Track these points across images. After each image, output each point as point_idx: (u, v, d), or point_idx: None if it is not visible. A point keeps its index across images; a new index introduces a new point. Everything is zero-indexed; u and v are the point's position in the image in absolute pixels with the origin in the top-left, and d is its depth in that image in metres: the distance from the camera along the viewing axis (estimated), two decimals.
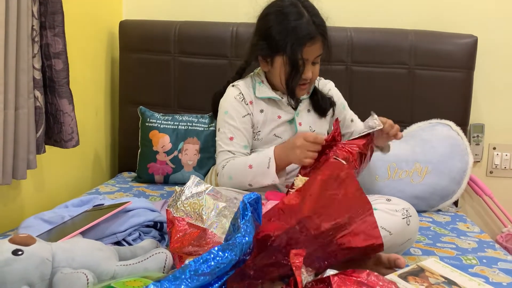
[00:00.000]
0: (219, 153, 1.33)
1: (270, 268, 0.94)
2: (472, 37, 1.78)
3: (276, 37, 1.26)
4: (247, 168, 1.25)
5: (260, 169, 1.23)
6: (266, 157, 1.23)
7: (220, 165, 1.31)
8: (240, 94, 1.34)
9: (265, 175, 1.23)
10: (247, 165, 1.25)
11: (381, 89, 1.79)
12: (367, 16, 1.90)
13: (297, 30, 1.24)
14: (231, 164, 1.28)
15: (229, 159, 1.30)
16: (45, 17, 1.33)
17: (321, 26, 1.27)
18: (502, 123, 1.92)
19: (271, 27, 1.27)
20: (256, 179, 1.25)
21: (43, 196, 1.53)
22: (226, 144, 1.31)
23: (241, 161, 1.28)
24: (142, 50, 1.88)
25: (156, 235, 1.18)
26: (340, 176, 0.93)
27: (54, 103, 1.37)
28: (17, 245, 0.86)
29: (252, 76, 1.39)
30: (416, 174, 1.62)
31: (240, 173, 1.26)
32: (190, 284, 0.67)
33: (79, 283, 0.84)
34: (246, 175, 1.25)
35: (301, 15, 1.25)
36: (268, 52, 1.29)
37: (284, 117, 1.35)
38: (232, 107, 1.33)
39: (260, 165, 1.23)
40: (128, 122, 1.91)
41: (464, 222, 1.55)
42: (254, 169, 1.24)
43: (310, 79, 1.31)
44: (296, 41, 1.23)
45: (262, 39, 1.30)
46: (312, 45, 1.26)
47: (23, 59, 1.23)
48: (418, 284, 0.93)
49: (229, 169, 1.28)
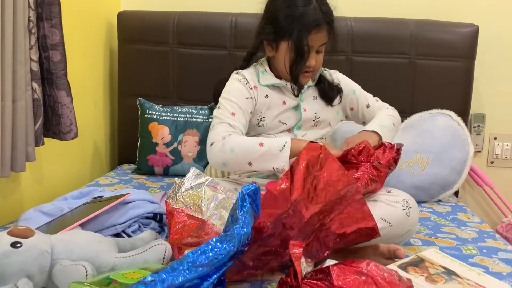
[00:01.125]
0: (217, 125, 1.25)
1: (267, 257, 0.94)
2: (473, 26, 1.77)
3: (282, 22, 1.25)
4: (256, 145, 1.18)
5: (272, 151, 1.17)
6: (282, 140, 1.19)
7: (218, 135, 1.22)
8: (244, 79, 1.33)
9: (275, 157, 1.17)
10: (258, 142, 1.19)
11: (382, 79, 1.78)
12: (368, 6, 1.89)
13: (304, 17, 1.22)
14: (235, 137, 1.21)
15: (232, 132, 1.22)
16: (42, 8, 1.31)
17: (328, 14, 1.26)
18: (503, 113, 1.91)
19: (278, 12, 1.26)
20: (262, 159, 1.18)
21: (42, 188, 1.53)
22: (226, 117, 1.25)
23: (249, 138, 1.23)
24: (141, 41, 1.87)
25: (156, 227, 1.18)
26: (320, 157, 0.94)
27: (52, 95, 1.36)
28: (16, 237, 0.86)
29: (255, 66, 1.39)
30: (417, 164, 1.62)
31: (246, 148, 1.18)
32: (188, 275, 0.67)
33: (78, 275, 0.84)
34: (253, 152, 1.18)
35: (309, 2, 1.24)
36: (274, 37, 1.28)
37: (289, 103, 1.34)
38: (235, 88, 1.31)
39: (272, 146, 1.18)
40: (127, 114, 1.90)
41: (465, 212, 1.55)
42: (265, 148, 1.18)
43: (313, 67, 1.29)
44: (303, 28, 1.22)
45: (268, 23, 1.29)
46: (318, 33, 1.24)
47: (20, 51, 1.22)
48: (418, 275, 0.93)
49: (233, 141, 1.19)
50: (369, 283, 0.77)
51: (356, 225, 0.98)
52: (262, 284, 0.97)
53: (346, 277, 0.78)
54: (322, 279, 0.79)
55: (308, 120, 1.35)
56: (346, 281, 0.77)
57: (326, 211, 0.95)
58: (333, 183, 0.94)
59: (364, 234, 1.00)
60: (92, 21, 1.82)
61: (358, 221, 0.98)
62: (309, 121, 1.35)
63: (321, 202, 0.93)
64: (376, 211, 1.08)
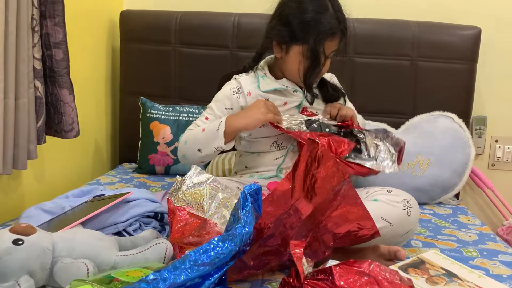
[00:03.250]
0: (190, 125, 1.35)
1: (268, 257, 0.94)
2: (475, 29, 1.77)
3: (297, 25, 1.23)
4: (200, 132, 1.26)
5: (210, 132, 1.24)
6: (218, 120, 1.25)
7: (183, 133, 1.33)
8: (235, 88, 1.32)
9: (213, 138, 1.23)
10: (201, 129, 1.27)
11: (384, 81, 1.78)
12: (370, 7, 1.89)
13: (321, 24, 1.21)
14: (189, 131, 1.31)
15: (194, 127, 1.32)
16: (45, 7, 1.32)
17: (344, 22, 1.25)
18: (505, 116, 1.91)
19: (293, 14, 1.24)
20: (205, 142, 1.25)
21: (44, 186, 1.53)
22: (198, 120, 1.33)
23: (197, 129, 1.30)
24: (143, 41, 1.87)
25: (157, 226, 1.18)
26: (317, 155, 0.95)
27: (55, 93, 1.37)
28: (18, 234, 0.86)
29: (255, 71, 1.38)
30: (418, 166, 1.62)
31: (194, 137, 1.27)
32: (190, 274, 0.67)
33: (79, 273, 0.84)
34: (199, 139, 1.26)
35: (326, 8, 1.23)
36: (286, 39, 1.26)
37: (290, 103, 1.34)
38: (222, 96, 1.34)
39: (210, 129, 1.24)
40: (128, 113, 1.91)
41: (465, 214, 1.55)
42: (205, 132, 1.25)
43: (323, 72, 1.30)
44: (320, 35, 1.21)
45: (281, 25, 1.26)
46: (332, 41, 1.24)
47: (23, 49, 1.22)
48: (419, 276, 0.93)
49: (187, 135, 1.30)
50: (371, 283, 0.77)
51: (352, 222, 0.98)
52: (262, 284, 0.97)
53: (348, 277, 0.78)
54: (324, 279, 0.79)
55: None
56: (348, 281, 0.77)
57: (322, 208, 0.96)
58: (329, 179, 0.95)
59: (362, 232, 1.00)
60: (95, 20, 1.82)
61: (354, 218, 0.98)
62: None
63: (319, 199, 0.94)
64: (377, 210, 1.08)
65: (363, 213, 0.99)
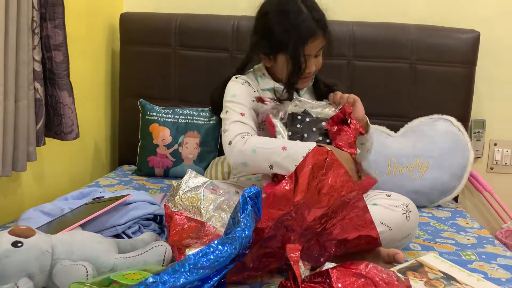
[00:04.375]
0: (229, 124, 1.23)
1: (268, 259, 0.94)
2: (474, 32, 1.77)
3: (278, 36, 1.24)
4: (279, 148, 1.17)
5: (296, 155, 1.14)
6: (306, 146, 1.17)
7: (234, 133, 1.20)
8: (246, 83, 1.33)
9: (297, 161, 1.10)
10: (281, 145, 1.18)
11: (383, 84, 1.79)
12: (369, 11, 1.89)
13: (298, 29, 1.22)
14: (256, 137, 1.21)
15: (249, 132, 1.22)
16: (45, 9, 1.32)
17: (321, 20, 1.26)
18: (503, 119, 1.92)
19: (272, 26, 1.25)
20: (284, 163, 1.16)
21: (43, 188, 1.53)
22: (237, 117, 1.24)
23: (270, 140, 1.22)
24: (143, 43, 1.88)
25: (156, 228, 1.18)
26: (326, 162, 0.95)
27: (54, 95, 1.37)
28: (17, 237, 0.86)
29: (253, 72, 1.39)
30: (417, 169, 1.62)
31: (269, 150, 1.17)
32: (189, 277, 0.67)
33: (79, 275, 0.84)
34: (276, 154, 1.16)
35: (300, 12, 1.23)
36: (271, 51, 1.28)
37: None
38: (240, 91, 1.30)
39: (297, 152, 1.15)
40: (128, 115, 1.91)
41: (464, 217, 1.55)
42: (288, 152, 1.16)
43: (314, 71, 1.30)
44: (298, 40, 1.22)
45: (263, 38, 1.28)
46: (314, 41, 1.25)
47: (23, 51, 1.22)
48: (417, 279, 0.93)
49: (255, 142, 1.18)
50: (368, 284, 0.77)
51: (358, 232, 0.98)
52: (261, 286, 0.97)
53: (346, 279, 0.78)
54: (321, 282, 0.79)
55: None
56: (345, 283, 0.78)
57: (328, 216, 0.96)
58: (337, 188, 0.94)
59: (366, 242, 1.00)
60: (95, 22, 1.82)
61: (359, 228, 0.98)
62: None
63: (324, 206, 0.93)
64: (376, 215, 1.08)
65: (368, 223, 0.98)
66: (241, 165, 1.20)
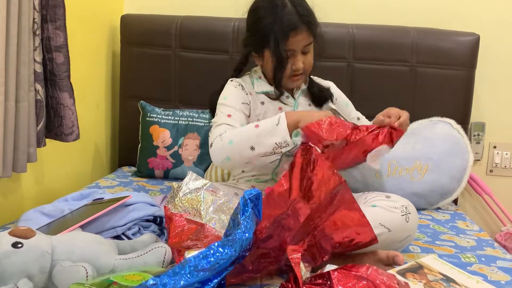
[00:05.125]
0: (214, 128, 1.24)
1: (266, 260, 0.95)
2: (474, 35, 1.78)
3: (262, 30, 1.25)
4: (252, 128, 1.16)
5: (268, 128, 1.13)
6: (275, 116, 1.16)
7: (215, 134, 1.20)
8: (240, 85, 1.34)
9: (273, 133, 1.13)
10: (253, 126, 1.17)
11: (383, 87, 1.79)
12: (369, 13, 1.90)
13: (280, 22, 1.23)
14: (232, 130, 1.20)
15: (229, 128, 1.21)
16: (47, 10, 1.32)
17: (305, 15, 1.25)
18: (503, 122, 1.92)
19: (257, 21, 1.27)
20: (261, 139, 1.13)
21: (43, 189, 1.53)
22: (223, 120, 1.24)
23: (245, 126, 1.21)
24: (143, 45, 1.88)
25: (156, 230, 1.18)
26: (311, 159, 0.96)
27: (55, 97, 1.37)
28: (17, 237, 0.86)
29: (250, 74, 1.39)
30: (416, 171, 1.62)
31: (243, 134, 1.16)
32: (189, 279, 0.67)
33: (78, 276, 0.84)
34: (251, 136, 1.14)
35: (284, 6, 1.24)
36: (257, 47, 1.29)
37: (285, 109, 1.35)
38: (232, 94, 1.31)
39: (268, 123, 1.15)
40: (128, 117, 1.91)
41: (464, 220, 1.55)
42: (261, 128, 1.14)
43: (302, 70, 1.29)
44: (279, 33, 1.22)
45: (251, 34, 1.30)
46: (297, 35, 1.24)
47: (24, 52, 1.22)
48: (417, 281, 0.93)
49: (230, 134, 1.18)
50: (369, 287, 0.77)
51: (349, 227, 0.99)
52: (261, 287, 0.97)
53: (346, 282, 0.78)
54: (322, 284, 0.79)
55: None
56: (346, 286, 0.78)
57: (319, 211, 0.96)
58: (325, 183, 0.95)
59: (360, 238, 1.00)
60: (96, 24, 1.83)
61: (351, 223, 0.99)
62: None
63: (316, 202, 0.94)
64: (375, 216, 1.08)
65: (360, 218, 0.99)
66: (224, 160, 1.18)
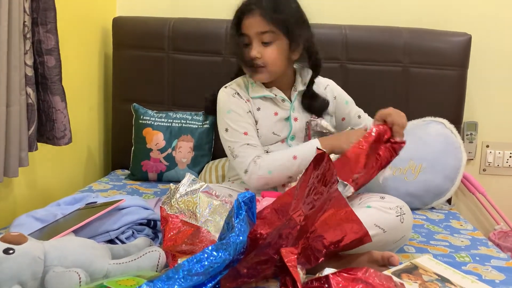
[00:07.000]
0: (238, 149, 1.27)
1: (263, 266, 0.94)
2: (466, 35, 1.79)
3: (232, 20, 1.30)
4: (290, 159, 1.24)
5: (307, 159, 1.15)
6: (311, 146, 1.24)
7: (247, 159, 1.25)
8: (236, 94, 1.33)
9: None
10: (291, 156, 1.24)
11: (376, 87, 1.80)
12: (362, 14, 1.90)
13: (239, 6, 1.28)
14: (266, 158, 1.26)
15: (258, 155, 1.26)
16: (37, 14, 1.31)
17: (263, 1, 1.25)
18: (495, 121, 1.93)
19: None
20: (302, 168, 1.20)
21: (35, 194, 1.52)
22: (242, 139, 1.28)
23: (279, 155, 1.26)
24: (136, 47, 1.87)
25: (150, 233, 1.17)
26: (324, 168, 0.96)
27: (47, 100, 1.36)
28: (9, 243, 0.85)
29: (244, 77, 1.38)
30: (410, 171, 1.63)
31: (282, 165, 1.24)
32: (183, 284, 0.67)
33: (72, 282, 0.83)
34: (290, 166, 1.23)
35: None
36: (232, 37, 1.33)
37: (281, 113, 1.34)
38: (234, 105, 1.31)
39: (306, 153, 1.22)
40: (121, 120, 1.90)
41: (458, 219, 1.55)
42: (299, 159, 1.23)
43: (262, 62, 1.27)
44: (235, 16, 1.27)
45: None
46: (249, 18, 1.26)
47: (14, 56, 1.21)
48: (412, 282, 0.93)
49: (267, 163, 1.24)
50: None
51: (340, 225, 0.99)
52: None
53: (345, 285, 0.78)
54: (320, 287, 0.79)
55: (300, 130, 1.35)
56: None
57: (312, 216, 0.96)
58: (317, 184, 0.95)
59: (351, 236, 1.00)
60: (87, 27, 1.82)
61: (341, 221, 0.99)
62: (301, 131, 1.35)
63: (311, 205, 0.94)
64: (370, 217, 1.08)
65: (350, 216, 0.99)
66: (263, 186, 1.27)
